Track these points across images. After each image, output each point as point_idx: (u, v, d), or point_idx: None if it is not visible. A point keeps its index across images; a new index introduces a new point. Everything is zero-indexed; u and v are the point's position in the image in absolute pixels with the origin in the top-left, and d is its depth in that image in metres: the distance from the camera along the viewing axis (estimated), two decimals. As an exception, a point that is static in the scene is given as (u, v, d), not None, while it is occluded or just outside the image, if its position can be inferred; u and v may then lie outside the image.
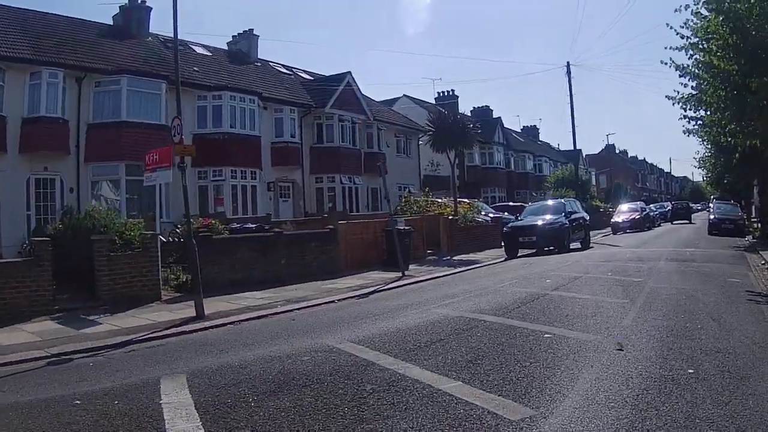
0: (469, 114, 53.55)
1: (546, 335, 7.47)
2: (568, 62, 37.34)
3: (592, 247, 23.59)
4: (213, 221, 17.62)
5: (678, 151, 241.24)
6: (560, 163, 57.35)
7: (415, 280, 15.50)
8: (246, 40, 34.85)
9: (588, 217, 25.59)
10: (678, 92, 13.89)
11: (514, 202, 40.10)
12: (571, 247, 22.85)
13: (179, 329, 9.66)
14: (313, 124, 31.19)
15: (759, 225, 28.17)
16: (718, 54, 11.96)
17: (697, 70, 12.92)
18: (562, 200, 25.19)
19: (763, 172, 23.81)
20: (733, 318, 8.22)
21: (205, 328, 9.80)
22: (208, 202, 25.81)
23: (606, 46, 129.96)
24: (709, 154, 29.41)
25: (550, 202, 26.15)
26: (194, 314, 10.65)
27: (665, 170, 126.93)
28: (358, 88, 33.28)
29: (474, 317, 8.96)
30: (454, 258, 21.24)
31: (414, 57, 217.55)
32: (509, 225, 22.69)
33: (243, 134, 26.76)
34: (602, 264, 15.69)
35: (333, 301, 12.25)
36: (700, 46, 12.75)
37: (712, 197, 50.74)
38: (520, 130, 65.56)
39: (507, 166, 49.93)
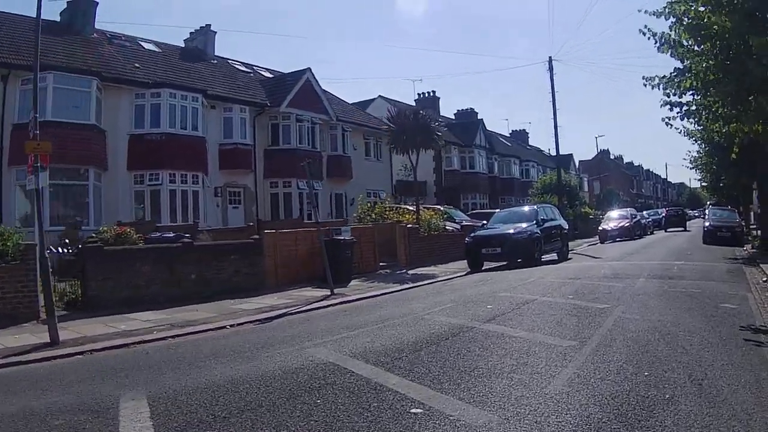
0: (453, 117, 50.92)
1: (415, 410, 4.71)
2: (550, 57, 34.47)
3: (570, 259, 20.73)
4: (128, 229, 15.65)
5: (675, 157, 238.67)
6: (550, 168, 54.42)
7: (343, 300, 13.03)
8: (203, 36, 32.70)
9: (566, 226, 22.71)
10: (656, 76, 10.93)
11: (499, 208, 37.17)
12: (545, 258, 20.14)
13: (18, 358, 7.96)
14: (267, 125, 28.54)
15: (759, 233, 25.06)
16: (709, 9, 9.10)
17: (681, 35, 10.00)
18: (536, 206, 22.29)
19: (764, 171, 20.55)
20: (722, 377, 5.34)
21: (46, 359, 7.97)
22: (144, 209, 23.60)
23: (594, 37, 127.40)
24: (703, 152, 26.33)
25: (522, 208, 23.37)
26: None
27: (662, 176, 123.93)
28: (319, 86, 30.55)
29: (346, 366, 6.34)
30: (410, 272, 18.62)
31: (397, 57, 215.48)
32: (471, 234, 19.80)
33: (184, 135, 24.40)
34: (568, 282, 12.77)
35: (226, 327, 10.03)
36: (684, 7, 9.87)
37: (708, 203, 47.79)
38: (508, 135, 62.74)
39: (490, 171, 46.55)
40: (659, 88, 10.84)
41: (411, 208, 24.94)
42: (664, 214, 48.42)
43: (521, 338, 7.30)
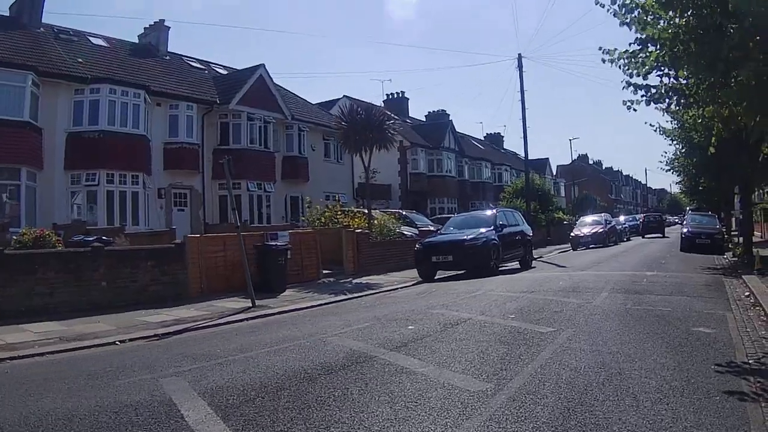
0: (424, 118, 49.26)
1: None
2: (519, 54, 32.88)
3: (533, 268, 18.96)
4: (48, 232, 14.49)
5: (656, 163, 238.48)
6: (524, 172, 52.88)
7: (262, 314, 11.58)
8: (155, 32, 30.86)
9: (530, 232, 20.89)
10: (617, 49, 9.09)
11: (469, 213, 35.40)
12: (506, 267, 18.43)
13: None
14: (217, 124, 26.65)
15: (741, 240, 23.35)
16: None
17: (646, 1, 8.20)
18: (495, 210, 20.51)
19: (747, 170, 18.67)
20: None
21: None
22: (81, 210, 22.02)
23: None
24: (680, 153, 24.62)
25: (482, 212, 21.61)
26: None
27: (642, 182, 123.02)
28: (273, 83, 28.69)
29: (181, 408, 4.90)
30: (354, 281, 16.92)
31: (375, 57, 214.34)
32: (422, 241, 17.99)
33: (123, 133, 22.63)
34: (518, 297, 10.94)
35: (115, 343, 8.81)
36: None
37: (687, 208, 46.29)
38: (482, 138, 61.05)
39: (460, 174, 44.49)
40: (620, 67, 9.02)
41: (366, 211, 23.19)
42: (641, 220, 46.90)
43: (423, 376, 5.45)
